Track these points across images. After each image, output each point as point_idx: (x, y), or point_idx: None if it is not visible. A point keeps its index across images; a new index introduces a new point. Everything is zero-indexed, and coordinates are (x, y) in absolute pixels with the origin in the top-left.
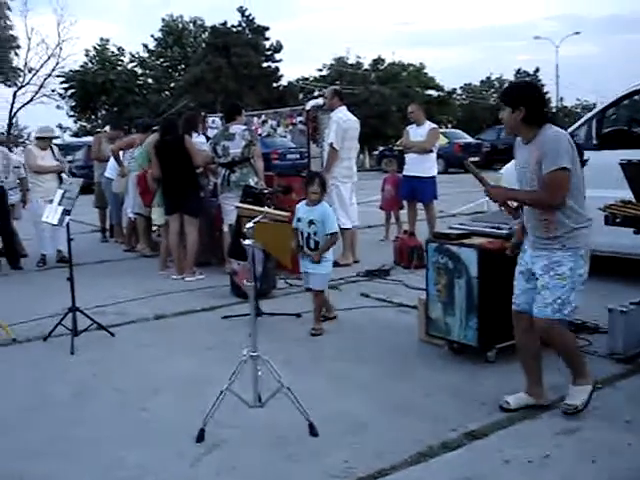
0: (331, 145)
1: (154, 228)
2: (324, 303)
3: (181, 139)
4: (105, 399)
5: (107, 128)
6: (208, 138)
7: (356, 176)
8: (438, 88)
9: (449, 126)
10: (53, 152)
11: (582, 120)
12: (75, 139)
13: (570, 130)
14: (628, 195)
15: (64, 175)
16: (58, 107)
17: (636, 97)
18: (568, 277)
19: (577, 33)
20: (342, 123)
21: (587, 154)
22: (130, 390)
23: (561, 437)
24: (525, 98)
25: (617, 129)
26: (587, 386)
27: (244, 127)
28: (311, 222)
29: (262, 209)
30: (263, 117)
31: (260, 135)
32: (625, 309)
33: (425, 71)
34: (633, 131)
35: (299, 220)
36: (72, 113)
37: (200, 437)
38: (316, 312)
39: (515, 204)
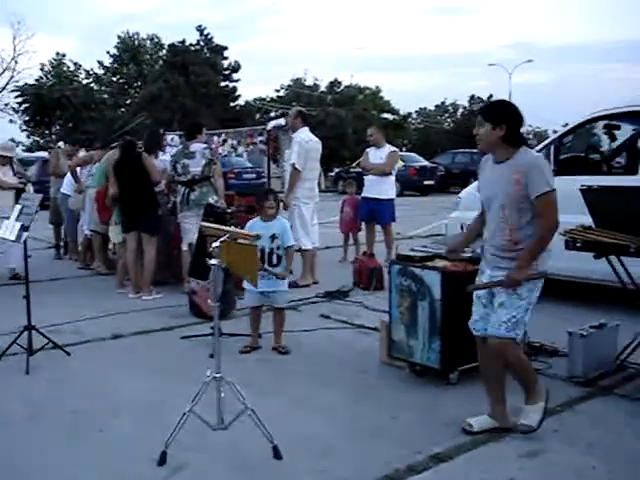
0: (293, 166)
1: (110, 246)
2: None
3: (139, 157)
4: (61, 420)
5: (61, 143)
6: None
7: (318, 197)
8: (394, 112)
9: (404, 149)
10: (12, 167)
11: (540, 146)
12: (28, 154)
13: None
14: (587, 220)
15: (29, 188)
16: (11, 121)
17: (592, 125)
18: (525, 298)
19: (530, 61)
20: (304, 144)
21: None
22: (87, 411)
23: (525, 460)
24: (508, 116)
25: (574, 155)
26: (540, 403)
27: (205, 145)
28: (273, 237)
29: (229, 229)
30: (223, 136)
31: (220, 154)
32: (585, 333)
33: (381, 94)
34: (590, 158)
35: (258, 237)
36: (25, 127)
37: (162, 460)
38: (280, 330)
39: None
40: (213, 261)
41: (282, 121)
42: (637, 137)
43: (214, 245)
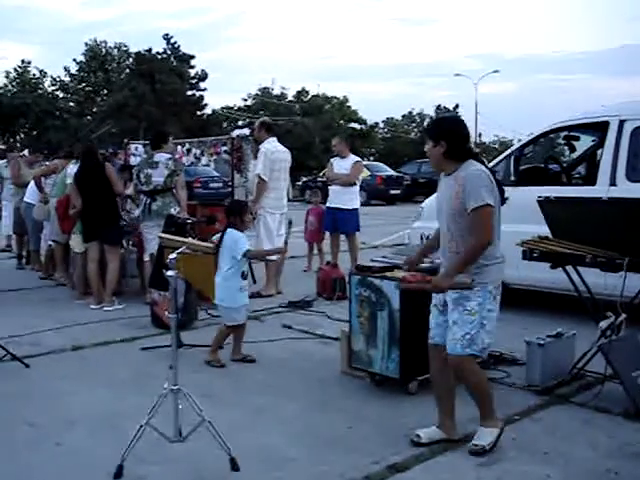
0: (259, 176)
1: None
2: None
3: (102, 166)
4: (18, 433)
5: (26, 152)
6: (128, 167)
7: (286, 207)
8: (361, 121)
9: (371, 159)
10: None
11: (501, 157)
12: None
13: (489, 166)
14: (545, 231)
15: None
16: None
17: (552, 135)
18: (477, 312)
19: (496, 71)
20: (270, 154)
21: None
22: (45, 424)
23: (482, 469)
24: (446, 132)
25: (534, 166)
26: (495, 429)
27: (169, 156)
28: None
29: (186, 240)
30: (187, 146)
31: (184, 164)
32: (542, 342)
33: (348, 104)
34: (549, 168)
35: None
36: None
37: (118, 473)
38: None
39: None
40: (169, 272)
41: (246, 131)
42: (596, 148)
43: (170, 257)
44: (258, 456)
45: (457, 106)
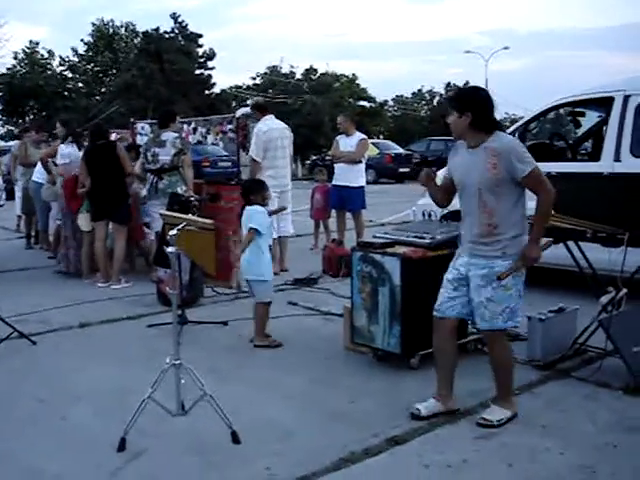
0: (251, 157)
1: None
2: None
3: (113, 145)
4: (25, 408)
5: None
6: (135, 146)
7: (287, 186)
8: (370, 99)
9: (380, 137)
10: None
11: (506, 133)
12: (1, 143)
13: None
14: None
15: None
16: None
17: (557, 111)
18: (513, 285)
19: (506, 48)
20: (261, 135)
21: None
22: (51, 399)
23: (480, 442)
24: (472, 103)
25: (539, 142)
26: (507, 411)
27: (176, 135)
28: None
29: (185, 216)
30: (193, 124)
31: (190, 143)
32: (543, 317)
33: (357, 82)
34: (554, 145)
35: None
36: None
37: (121, 446)
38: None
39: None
40: (170, 249)
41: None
42: (601, 124)
43: (171, 233)
44: (260, 430)
45: (467, 83)
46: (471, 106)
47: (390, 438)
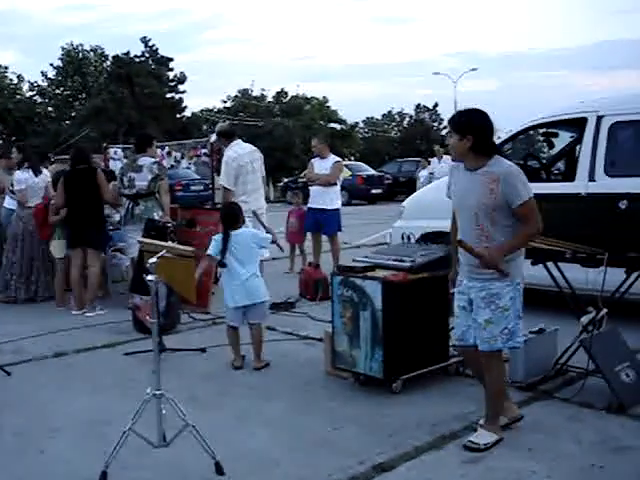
0: (223, 186)
1: None
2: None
3: (94, 171)
4: (2, 442)
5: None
6: (107, 172)
7: (263, 208)
8: (341, 121)
9: (352, 159)
10: None
11: None
12: None
13: None
14: None
15: None
16: None
17: (531, 132)
18: (510, 307)
19: (474, 69)
20: (231, 162)
21: None
22: (28, 432)
23: (467, 466)
24: (474, 127)
25: (514, 163)
26: (495, 435)
27: (153, 160)
28: None
29: (166, 244)
30: (167, 149)
31: (166, 168)
32: (525, 338)
33: (328, 104)
34: (528, 165)
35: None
36: None
37: None
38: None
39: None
40: (149, 277)
41: None
42: (574, 144)
43: (150, 261)
44: (243, 459)
45: (436, 104)
46: (473, 130)
47: (376, 465)
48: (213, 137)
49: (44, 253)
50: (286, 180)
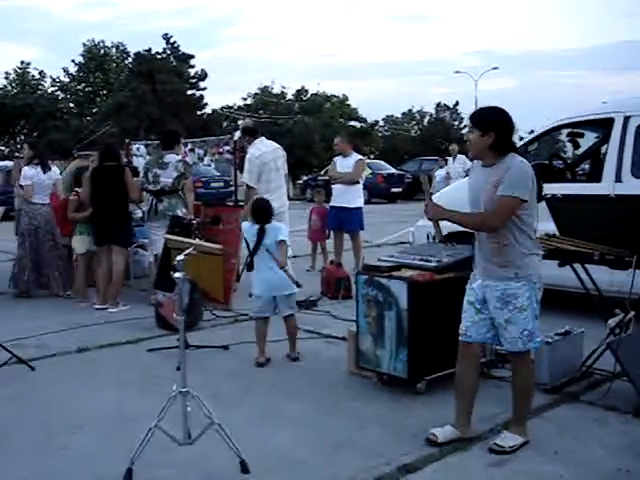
0: (246, 184)
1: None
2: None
3: (122, 170)
4: (25, 437)
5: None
6: (130, 168)
7: (285, 206)
8: (361, 119)
9: (371, 157)
10: None
11: None
12: None
13: None
14: (552, 228)
15: None
16: None
17: (556, 132)
18: (527, 306)
19: (495, 68)
20: (254, 160)
21: None
22: (52, 427)
23: (493, 469)
24: (496, 124)
25: (539, 163)
26: (520, 438)
27: (179, 158)
28: None
29: (193, 241)
30: (189, 145)
31: (192, 167)
32: (550, 340)
33: (348, 102)
34: (554, 165)
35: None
36: None
37: (128, 476)
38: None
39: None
40: (177, 274)
41: None
42: (600, 145)
43: (178, 258)
44: (266, 458)
45: (457, 103)
46: (495, 127)
47: (401, 466)
48: (237, 134)
49: (51, 248)
50: (306, 178)
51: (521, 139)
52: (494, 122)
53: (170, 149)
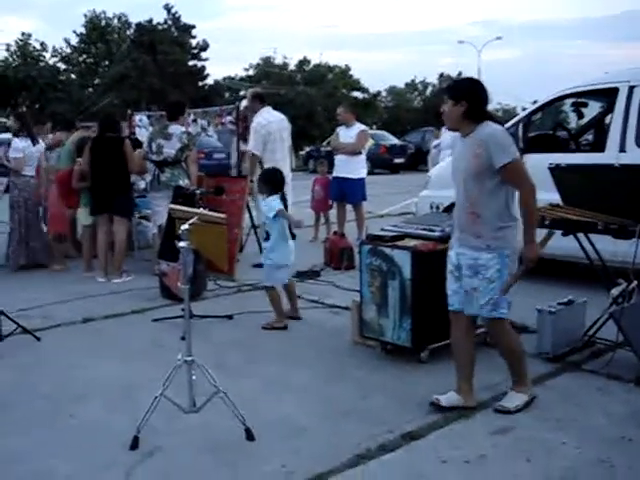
0: (250, 152)
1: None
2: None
3: (121, 141)
4: (32, 406)
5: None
6: (134, 140)
7: (289, 177)
8: (363, 90)
9: (374, 128)
10: None
11: (509, 124)
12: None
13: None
14: (556, 198)
15: None
16: None
17: (560, 102)
18: (497, 279)
19: (499, 38)
20: (260, 128)
21: None
22: (58, 397)
23: (496, 436)
24: (468, 93)
25: (543, 133)
26: (524, 395)
27: (184, 129)
28: None
29: (197, 211)
30: (192, 116)
31: (196, 138)
32: (553, 309)
33: (351, 73)
34: (557, 135)
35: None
36: None
37: (134, 445)
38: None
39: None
40: (182, 244)
41: None
42: (604, 115)
43: (182, 227)
44: (273, 427)
45: (460, 74)
46: (467, 95)
47: (405, 433)
48: (243, 103)
49: (40, 220)
50: (308, 149)
51: (524, 109)
52: (466, 91)
53: (175, 120)
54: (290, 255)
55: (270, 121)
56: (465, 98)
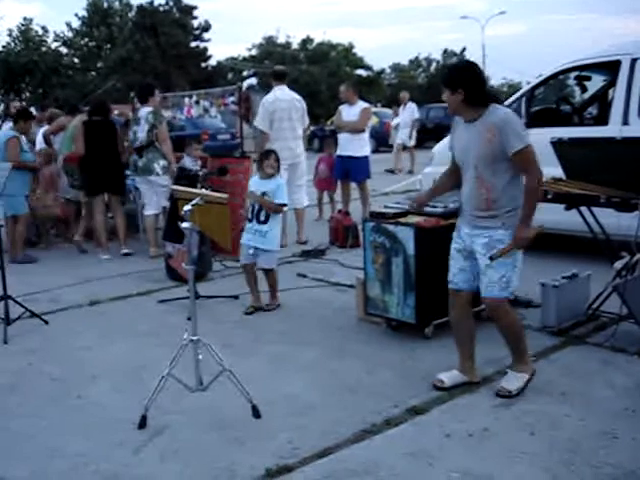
0: (258, 129)
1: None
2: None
3: (111, 124)
4: (41, 388)
5: (32, 109)
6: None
7: (298, 157)
8: (367, 68)
9: (378, 105)
10: None
11: (512, 99)
12: None
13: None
14: (558, 172)
15: None
16: None
17: (563, 76)
18: (511, 255)
19: (502, 12)
20: (268, 105)
21: None
22: (67, 378)
23: (499, 410)
24: (463, 80)
25: (546, 107)
26: (524, 374)
27: (149, 109)
28: (264, 194)
29: (199, 191)
30: (194, 97)
31: (192, 116)
32: (557, 283)
33: (354, 51)
34: (561, 110)
35: (250, 193)
36: None
37: (142, 423)
38: (272, 290)
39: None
40: (185, 224)
41: (254, 80)
42: (607, 88)
43: (185, 208)
44: (279, 404)
45: (464, 49)
46: (462, 83)
47: (410, 408)
48: (247, 83)
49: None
50: (313, 128)
51: (529, 83)
52: (460, 79)
53: (145, 102)
54: (281, 235)
55: (278, 98)
56: (461, 86)
